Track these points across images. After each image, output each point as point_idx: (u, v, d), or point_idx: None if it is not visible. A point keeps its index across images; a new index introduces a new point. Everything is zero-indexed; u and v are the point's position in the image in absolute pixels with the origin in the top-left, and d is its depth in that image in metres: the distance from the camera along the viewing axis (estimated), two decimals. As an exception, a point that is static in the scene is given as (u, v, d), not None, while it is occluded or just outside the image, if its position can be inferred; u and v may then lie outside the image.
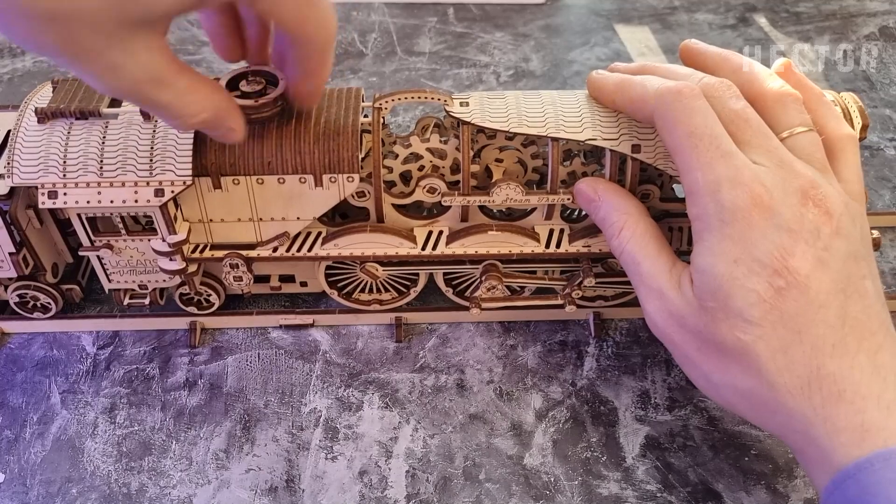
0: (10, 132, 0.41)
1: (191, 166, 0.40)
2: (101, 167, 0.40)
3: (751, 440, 0.43)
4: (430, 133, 0.44)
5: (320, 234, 0.45)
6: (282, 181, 0.41)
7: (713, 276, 0.35)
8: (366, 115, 0.42)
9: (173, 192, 0.40)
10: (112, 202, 0.40)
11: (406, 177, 0.45)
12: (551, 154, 0.42)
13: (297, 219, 0.43)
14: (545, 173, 0.44)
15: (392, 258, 0.45)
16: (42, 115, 0.40)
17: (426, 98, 0.42)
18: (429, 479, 0.41)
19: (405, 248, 0.44)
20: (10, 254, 0.43)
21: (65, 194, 0.40)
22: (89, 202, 0.40)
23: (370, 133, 0.42)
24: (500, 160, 0.45)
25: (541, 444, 0.43)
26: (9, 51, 0.72)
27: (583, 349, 0.48)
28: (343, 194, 0.42)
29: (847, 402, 0.32)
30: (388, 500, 0.40)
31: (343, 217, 0.46)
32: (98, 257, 0.44)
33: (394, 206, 0.44)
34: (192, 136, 0.40)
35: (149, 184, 0.40)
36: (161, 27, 0.32)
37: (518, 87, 0.69)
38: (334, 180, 0.41)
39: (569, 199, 0.43)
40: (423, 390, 0.45)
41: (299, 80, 0.38)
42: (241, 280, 0.45)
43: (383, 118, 0.43)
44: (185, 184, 0.40)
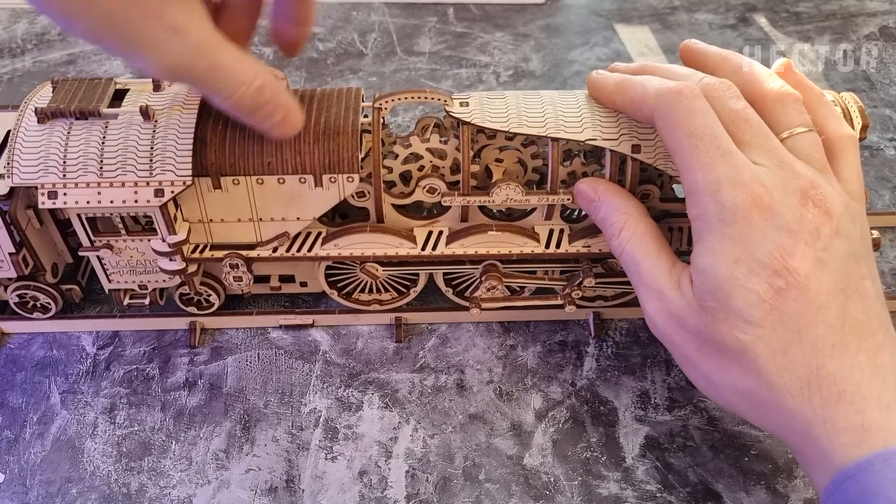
0: (9, 132, 0.41)
1: (191, 166, 0.40)
2: (101, 167, 0.40)
3: (751, 440, 0.43)
4: (430, 133, 0.44)
5: (320, 234, 0.45)
6: (282, 181, 0.41)
7: (713, 277, 0.35)
8: (366, 115, 0.42)
9: (173, 192, 0.40)
10: (112, 202, 0.40)
11: (406, 177, 0.45)
12: (551, 154, 0.42)
13: (297, 219, 0.43)
14: (545, 173, 0.43)
15: (392, 258, 0.45)
16: (42, 115, 0.40)
17: (426, 98, 0.42)
18: (429, 479, 0.41)
19: (405, 249, 0.44)
20: (10, 254, 0.43)
21: (65, 194, 0.40)
22: (89, 202, 0.40)
23: (370, 133, 0.42)
24: (500, 160, 0.45)
25: (541, 445, 0.43)
26: (9, 51, 0.72)
27: (583, 349, 0.48)
28: (343, 194, 0.42)
29: (847, 402, 0.32)
30: (387, 501, 0.40)
31: (343, 217, 0.46)
32: (98, 257, 0.44)
33: (394, 206, 0.44)
34: (192, 135, 0.40)
35: (149, 184, 0.40)
36: None
37: (518, 87, 0.69)
38: (334, 180, 0.41)
39: (569, 200, 0.43)
40: (423, 390, 0.45)
41: (286, 28, 0.40)
42: (241, 280, 0.45)
43: (383, 118, 0.43)
44: (184, 184, 0.40)
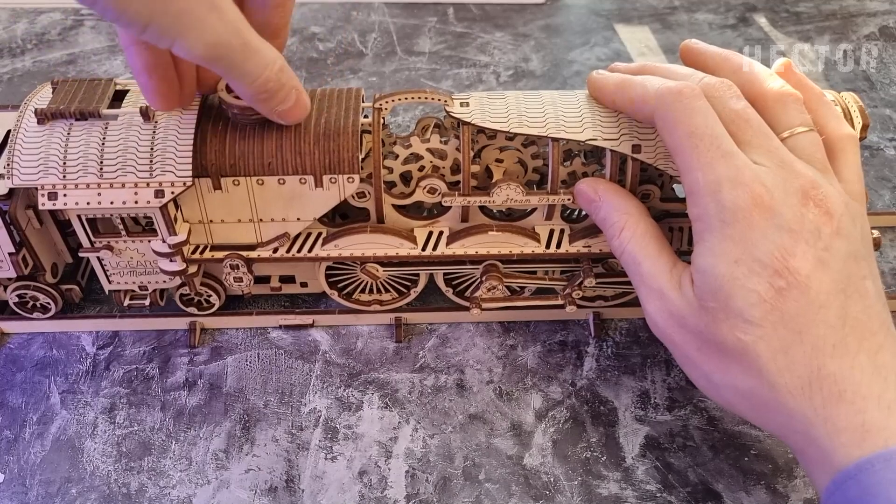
0: (9, 132, 0.41)
1: (191, 167, 0.40)
2: (101, 168, 0.40)
3: (751, 440, 0.43)
4: (430, 133, 0.44)
5: (320, 234, 0.44)
6: (282, 182, 0.41)
7: (714, 277, 0.35)
8: (366, 116, 0.42)
9: (173, 193, 0.40)
10: (112, 203, 0.40)
11: (406, 177, 0.45)
12: (552, 154, 0.42)
13: (298, 219, 0.43)
14: (545, 173, 0.43)
15: (392, 259, 0.45)
16: (42, 115, 0.40)
17: (426, 98, 0.42)
18: (428, 479, 0.41)
19: (405, 249, 0.44)
20: (10, 254, 0.43)
21: (65, 195, 0.40)
22: (89, 203, 0.40)
23: (370, 133, 0.42)
24: (500, 160, 0.45)
25: (540, 445, 0.43)
26: (9, 51, 0.72)
27: (583, 349, 0.48)
28: (343, 195, 0.42)
29: (847, 402, 0.32)
30: (387, 500, 0.40)
31: (343, 218, 0.46)
32: (98, 258, 0.44)
33: (394, 206, 0.44)
34: (192, 136, 0.40)
35: (149, 185, 0.40)
36: None
37: (518, 87, 0.69)
38: (334, 181, 0.41)
39: (569, 200, 0.43)
40: (423, 390, 0.45)
41: (269, 13, 0.39)
42: (242, 281, 0.45)
43: (383, 118, 0.43)
44: (185, 185, 0.40)
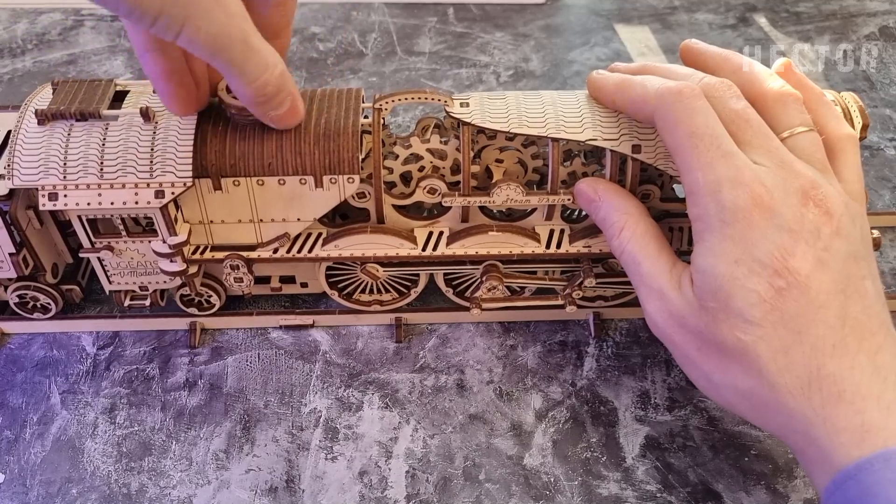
0: (10, 132, 0.41)
1: (191, 168, 0.40)
2: (102, 169, 0.40)
3: (751, 440, 0.43)
4: (430, 134, 0.44)
5: (321, 235, 0.45)
6: (282, 182, 0.41)
7: (714, 277, 0.35)
8: (366, 116, 0.42)
9: (174, 193, 0.40)
10: (112, 204, 0.40)
11: (406, 177, 0.45)
12: (552, 154, 0.42)
13: (298, 220, 0.43)
14: (545, 174, 0.43)
15: (392, 259, 0.45)
16: (42, 116, 0.40)
17: (426, 98, 0.42)
18: (429, 479, 0.41)
19: (406, 249, 0.44)
20: (10, 254, 0.43)
21: (65, 196, 0.40)
22: (90, 204, 0.40)
23: (370, 134, 0.42)
24: (500, 161, 0.45)
25: (541, 445, 0.43)
26: (9, 51, 0.72)
27: (583, 349, 0.48)
28: (343, 195, 0.42)
29: (847, 402, 0.32)
30: (387, 501, 0.40)
31: (343, 218, 0.46)
32: (98, 259, 0.44)
33: (394, 206, 0.44)
34: (192, 137, 0.40)
35: (149, 185, 0.40)
36: None
37: (518, 87, 0.69)
38: (335, 181, 0.41)
39: (569, 200, 0.43)
40: (423, 390, 0.45)
41: (270, 12, 0.39)
42: (242, 281, 0.45)
43: (383, 119, 0.43)
44: (185, 185, 0.40)
